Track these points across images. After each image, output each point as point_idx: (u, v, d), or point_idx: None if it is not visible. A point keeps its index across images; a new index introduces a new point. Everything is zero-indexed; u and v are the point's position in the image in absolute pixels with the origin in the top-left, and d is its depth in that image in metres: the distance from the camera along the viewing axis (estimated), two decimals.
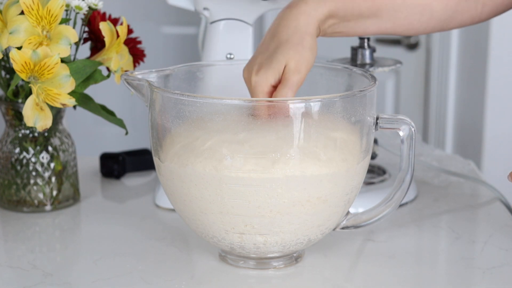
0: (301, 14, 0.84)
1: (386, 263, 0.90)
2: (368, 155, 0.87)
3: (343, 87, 0.94)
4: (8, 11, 0.96)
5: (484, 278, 0.87)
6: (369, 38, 1.09)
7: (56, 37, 0.96)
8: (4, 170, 1.06)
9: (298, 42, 0.83)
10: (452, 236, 0.99)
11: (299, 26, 0.83)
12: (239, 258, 0.89)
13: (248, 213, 0.81)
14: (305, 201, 0.81)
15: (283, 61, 0.82)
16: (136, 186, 1.19)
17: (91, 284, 0.85)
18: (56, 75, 0.95)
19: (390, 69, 1.09)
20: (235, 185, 0.80)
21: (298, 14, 0.84)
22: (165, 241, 0.96)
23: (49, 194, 1.06)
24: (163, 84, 0.90)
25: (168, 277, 0.87)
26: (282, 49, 0.82)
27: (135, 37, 1.09)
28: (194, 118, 0.81)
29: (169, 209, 1.06)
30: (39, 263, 0.91)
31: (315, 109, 0.80)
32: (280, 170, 0.80)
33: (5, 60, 1.03)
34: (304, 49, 0.83)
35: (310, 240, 0.86)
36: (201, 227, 0.86)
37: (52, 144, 1.06)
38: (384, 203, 0.89)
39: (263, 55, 0.84)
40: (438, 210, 1.07)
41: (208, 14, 1.09)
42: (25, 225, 1.02)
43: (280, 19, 0.85)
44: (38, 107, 0.95)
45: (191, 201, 0.84)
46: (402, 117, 0.85)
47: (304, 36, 0.83)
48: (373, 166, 1.16)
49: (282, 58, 0.82)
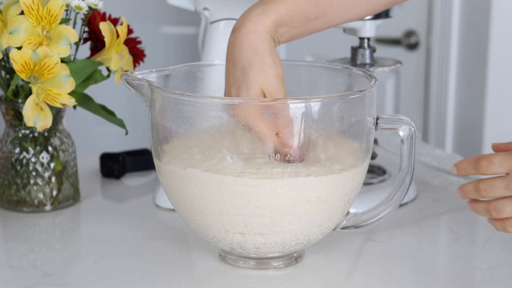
0: (250, 33, 0.83)
1: (386, 263, 0.90)
2: (368, 155, 0.87)
3: (343, 87, 0.94)
4: (8, 11, 0.96)
5: (484, 278, 0.87)
6: (369, 38, 1.09)
7: (56, 37, 0.96)
8: (4, 170, 1.06)
9: (261, 63, 0.82)
10: (452, 236, 0.99)
11: (254, 46, 0.83)
12: (239, 258, 0.89)
13: (248, 213, 0.81)
14: (305, 201, 0.81)
15: (257, 87, 0.82)
16: (136, 186, 1.19)
17: (91, 284, 0.85)
18: (56, 75, 0.95)
19: (390, 69, 1.09)
20: (235, 185, 0.80)
21: (247, 34, 0.83)
22: (165, 241, 0.96)
23: (49, 194, 1.06)
24: (163, 84, 0.90)
25: (168, 277, 0.87)
26: (251, 76, 0.82)
27: (135, 37, 1.09)
28: (194, 118, 0.81)
29: (169, 209, 1.06)
30: (39, 263, 0.91)
31: (315, 109, 0.80)
32: (280, 170, 0.80)
33: (5, 60, 1.03)
34: (270, 68, 0.82)
35: (310, 240, 0.86)
36: (201, 227, 0.86)
37: (52, 144, 1.06)
38: (384, 203, 0.89)
39: (235, 87, 0.84)
40: (438, 210, 1.07)
41: (208, 14, 1.09)
42: (25, 225, 1.02)
43: (233, 45, 0.84)
44: (38, 107, 0.95)
45: (191, 201, 0.84)
46: (402, 117, 0.85)
47: (263, 54, 0.83)
48: (373, 166, 1.16)
49: (255, 85, 0.82)
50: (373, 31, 1.08)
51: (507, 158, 0.78)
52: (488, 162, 0.78)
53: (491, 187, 0.78)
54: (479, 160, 0.79)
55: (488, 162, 0.78)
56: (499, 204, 0.79)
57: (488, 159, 0.78)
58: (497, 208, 0.79)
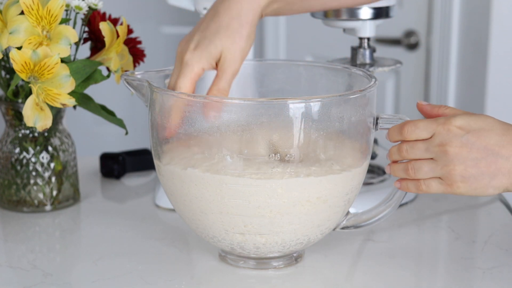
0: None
1: (386, 263, 0.90)
2: (368, 155, 0.87)
3: (343, 87, 0.94)
4: (8, 11, 0.96)
5: (484, 278, 0.87)
6: (369, 38, 1.09)
7: (56, 37, 0.96)
8: (4, 170, 1.06)
9: (237, 30, 0.84)
10: (452, 236, 0.99)
11: (240, 13, 0.84)
12: (239, 258, 0.89)
13: (248, 213, 0.81)
14: (305, 201, 0.81)
15: (219, 47, 0.83)
16: (136, 186, 1.19)
17: (91, 284, 0.85)
18: (56, 75, 0.95)
19: (390, 69, 1.09)
20: (235, 185, 0.80)
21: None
22: (165, 241, 0.96)
23: (49, 194, 1.06)
24: (163, 84, 0.90)
25: (168, 277, 0.87)
26: (221, 35, 0.84)
27: (135, 37, 1.09)
28: (194, 118, 0.81)
29: (169, 209, 1.06)
30: (39, 263, 0.91)
31: (315, 109, 0.80)
32: (280, 170, 0.80)
33: (5, 60, 1.03)
34: (242, 39, 0.84)
35: (310, 240, 0.86)
36: (201, 227, 0.86)
37: (52, 144, 1.06)
38: (384, 203, 0.89)
39: (202, 34, 0.85)
40: (438, 210, 1.07)
41: None
42: (25, 225, 1.02)
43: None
44: (38, 107, 0.95)
45: (191, 201, 0.84)
46: (402, 117, 0.85)
47: (244, 24, 0.84)
48: (373, 166, 1.16)
49: (219, 44, 0.83)
50: (373, 31, 1.08)
51: (431, 123, 0.81)
52: (413, 127, 0.81)
53: (413, 148, 0.82)
54: (404, 125, 0.82)
55: (413, 126, 0.81)
56: (417, 163, 0.82)
57: (413, 123, 0.82)
58: (415, 167, 0.82)
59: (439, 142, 0.80)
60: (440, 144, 0.80)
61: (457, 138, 0.79)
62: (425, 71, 2.20)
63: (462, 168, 0.80)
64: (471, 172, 0.80)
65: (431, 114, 0.84)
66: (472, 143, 0.79)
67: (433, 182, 0.82)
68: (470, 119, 0.80)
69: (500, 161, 0.79)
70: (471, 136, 0.79)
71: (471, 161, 0.79)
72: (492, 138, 0.79)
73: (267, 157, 0.80)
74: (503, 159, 0.79)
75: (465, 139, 0.79)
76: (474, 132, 0.79)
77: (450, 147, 0.79)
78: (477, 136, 0.79)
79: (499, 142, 0.79)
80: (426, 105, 0.84)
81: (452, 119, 0.80)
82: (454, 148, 0.79)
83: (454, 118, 0.80)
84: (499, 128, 0.80)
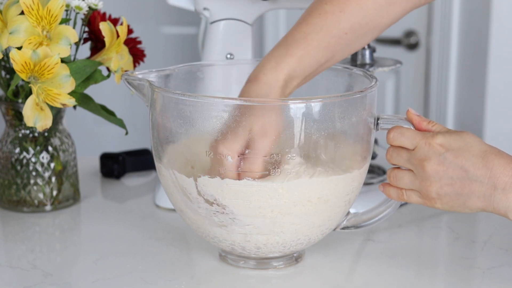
0: (264, 85, 0.83)
1: (386, 263, 0.90)
2: (369, 155, 0.87)
3: (343, 87, 0.94)
4: (8, 11, 0.96)
5: (484, 278, 0.87)
6: None
7: (56, 37, 0.96)
8: (4, 170, 1.06)
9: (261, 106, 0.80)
10: (452, 236, 0.99)
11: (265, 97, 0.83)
12: (239, 258, 0.89)
13: (249, 213, 0.81)
14: (306, 201, 0.81)
15: (247, 126, 0.80)
16: (136, 186, 1.19)
17: (91, 284, 0.85)
18: (56, 75, 0.95)
19: (390, 69, 1.09)
20: (236, 186, 0.80)
21: (260, 85, 0.83)
22: (165, 241, 0.96)
23: (49, 194, 1.06)
24: (163, 84, 0.90)
25: (168, 277, 0.87)
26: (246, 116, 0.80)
27: (135, 37, 1.09)
28: (195, 118, 0.81)
29: (169, 209, 1.06)
30: (39, 263, 0.91)
31: (316, 110, 0.80)
32: (281, 171, 0.80)
33: (5, 60, 1.03)
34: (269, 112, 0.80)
35: (310, 240, 0.86)
36: (202, 228, 0.86)
37: (52, 144, 1.06)
38: (384, 203, 0.89)
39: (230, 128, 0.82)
40: (438, 210, 1.07)
41: (208, 14, 1.09)
42: (25, 225, 1.02)
43: (247, 94, 0.83)
44: (38, 107, 0.95)
45: (192, 202, 0.84)
46: (402, 117, 0.85)
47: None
48: (373, 166, 1.16)
49: (246, 124, 0.79)
50: None
51: (417, 135, 0.82)
52: (399, 134, 0.83)
53: (397, 155, 0.83)
54: (392, 130, 0.83)
55: (399, 133, 0.83)
56: (399, 173, 0.84)
57: (400, 130, 0.83)
58: (397, 175, 0.84)
59: (419, 156, 0.81)
60: (420, 158, 0.81)
61: (436, 156, 0.80)
62: (425, 71, 2.20)
63: (438, 186, 0.80)
64: (446, 191, 0.80)
65: (418, 126, 0.84)
66: (449, 162, 0.79)
67: (413, 193, 0.84)
68: (451, 138, 0.80)
69: (475, 184, 0.79)
70: (449, 155, 0.79)
71: (446, 180, 0.80)
72: (469, 159, 0.79)
73: (268, 157, 0.80)
74: (478, 182, 0.79)
75: (443, 157, 0.80)
76: (453, 151, 0.80)
77: (428, 164, 0.80)
78: (455, 155, 0.79)
79: (475, 164, 0.79)
80: (416, 116, 0.84)
81: (435, 136, 0.80)
82: (432, 165, 0.80)
83: (437, 135, 0.81)
84: (478, 149, 0.80)
